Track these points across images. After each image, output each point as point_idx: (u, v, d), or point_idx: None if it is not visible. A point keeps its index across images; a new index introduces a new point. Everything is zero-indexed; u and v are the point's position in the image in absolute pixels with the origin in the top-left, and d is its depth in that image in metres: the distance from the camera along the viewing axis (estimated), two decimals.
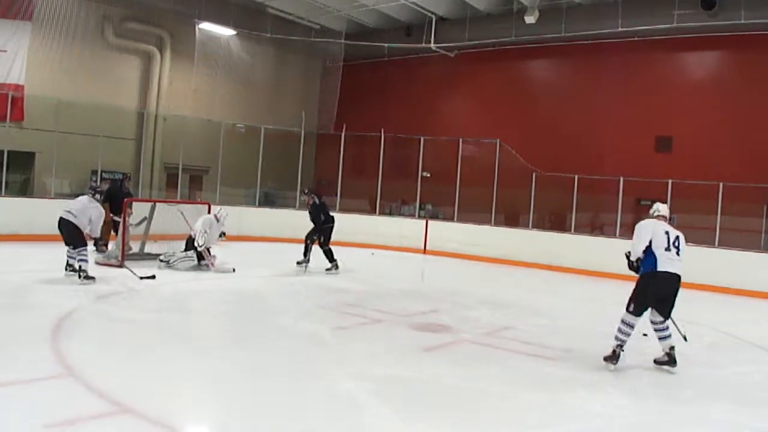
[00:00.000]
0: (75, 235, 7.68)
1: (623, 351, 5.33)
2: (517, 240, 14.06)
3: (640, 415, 4.36)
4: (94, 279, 7.66)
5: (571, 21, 14.12)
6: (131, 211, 9.91)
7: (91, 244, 8.47)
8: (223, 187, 15.28)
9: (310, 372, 4.81)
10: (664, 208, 5.62)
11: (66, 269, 7.85)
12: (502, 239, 14.21)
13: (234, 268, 9.69)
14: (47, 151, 12.93)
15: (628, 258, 5.56)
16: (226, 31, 15.89)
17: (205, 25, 15.46)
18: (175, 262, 9.49)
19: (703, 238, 11.43)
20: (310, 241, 10.37)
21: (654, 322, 5.45)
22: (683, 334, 5.82)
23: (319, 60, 18.88)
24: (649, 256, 5.33)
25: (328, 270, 10.31)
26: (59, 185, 13.28)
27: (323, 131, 17.93)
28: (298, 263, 10.37)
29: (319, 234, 10.33)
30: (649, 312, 5.41)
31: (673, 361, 5.35)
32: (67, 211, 7.75)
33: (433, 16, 15.76)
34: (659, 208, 5.61)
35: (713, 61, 13.74)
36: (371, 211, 16.36)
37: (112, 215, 10.06)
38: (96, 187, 8.44)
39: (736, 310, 9.86)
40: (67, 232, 7.70)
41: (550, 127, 15.09)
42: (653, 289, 5.34)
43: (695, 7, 12.36)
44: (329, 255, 10.39)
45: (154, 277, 8.31)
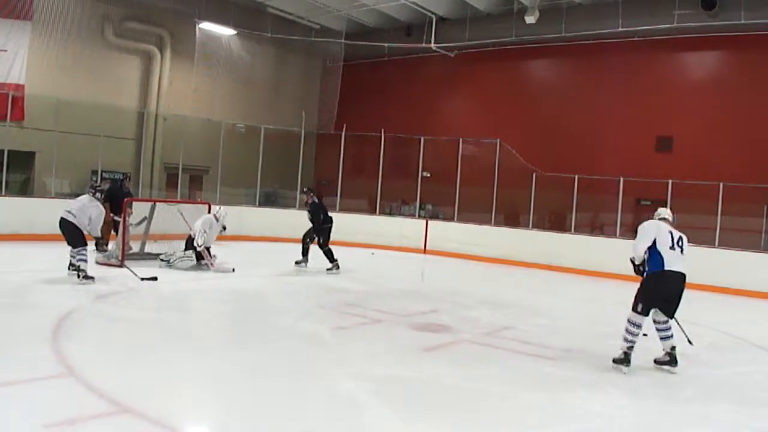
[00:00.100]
0: (75, 235, 7.70)
1: (633, 352, 5.31)
2: (517, 240, 14.07)
3: (640, 415, 4.36)
4: (93, 279, 7.66)
5: (571, 21, 14.12)
6: (131, 211, 9.92)
7: (92, 244, 8.47)
8: (223, 186, 15.27)
9: (310, 372, 4.81)
10: (668, 213, 5.67)
11: (69, 269, 7.88)
12: (502, 239, 14.21)
13: (234, 268, 9.69)
14: (47, 151, 12.94)
15: (633, 263, 5.59)
16: (227, 31, 15.88)
17: (205, 25, 15.46)
18: (175, 261, 9.51)
19: (703, 238, 11.43)
20: (309, 240, 10.43)
21: (657, 322, 5.44)
22: (689, 339, 5.83)
23: (319, 60, 18.88)
24: (654, 255, 5.33)
25: (328, 270, 10.32)
26: (59, 185, 13.28)
27: (323, 131, 17.93)
28: (297, 263, 10.48)
29: (318, 234, 10.36)
30: (652, 311, 5.40)
31: (674, 361, 5.35)
32: (67, 211, 7.76)
33: (433, 16, 15.76)
34: (662, 212, 5.67)
35: (713, 61, 13.74)
36: (371, 211, 16.36)
37: (112, 215, 10.07)
38: (97, 186, 8.44)
39: (736, 310, 9.86)
40: (67, 232, 7.71)
41: (551, 127, 15.10)
42: (661, 287, 5.33)
43: (695, 7, 12.35)
44: (329, 255, 10.40)
45: (155, 278, 8.25)
